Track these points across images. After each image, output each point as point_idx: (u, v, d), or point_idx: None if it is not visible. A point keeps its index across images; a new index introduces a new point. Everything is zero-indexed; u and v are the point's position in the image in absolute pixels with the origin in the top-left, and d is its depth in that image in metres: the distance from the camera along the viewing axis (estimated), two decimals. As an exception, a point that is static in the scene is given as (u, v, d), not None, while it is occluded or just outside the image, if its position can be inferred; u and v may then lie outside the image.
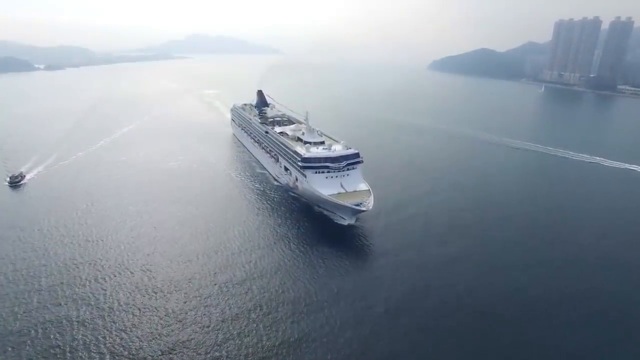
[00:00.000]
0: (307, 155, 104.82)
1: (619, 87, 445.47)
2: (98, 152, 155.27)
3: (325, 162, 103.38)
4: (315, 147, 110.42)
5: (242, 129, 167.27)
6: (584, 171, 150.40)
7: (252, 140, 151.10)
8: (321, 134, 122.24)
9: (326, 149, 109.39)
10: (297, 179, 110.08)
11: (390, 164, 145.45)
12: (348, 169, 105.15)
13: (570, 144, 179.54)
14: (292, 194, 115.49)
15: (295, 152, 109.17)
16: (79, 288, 72.00)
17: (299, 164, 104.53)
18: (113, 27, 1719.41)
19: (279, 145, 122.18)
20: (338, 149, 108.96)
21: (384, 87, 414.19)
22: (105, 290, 72.13)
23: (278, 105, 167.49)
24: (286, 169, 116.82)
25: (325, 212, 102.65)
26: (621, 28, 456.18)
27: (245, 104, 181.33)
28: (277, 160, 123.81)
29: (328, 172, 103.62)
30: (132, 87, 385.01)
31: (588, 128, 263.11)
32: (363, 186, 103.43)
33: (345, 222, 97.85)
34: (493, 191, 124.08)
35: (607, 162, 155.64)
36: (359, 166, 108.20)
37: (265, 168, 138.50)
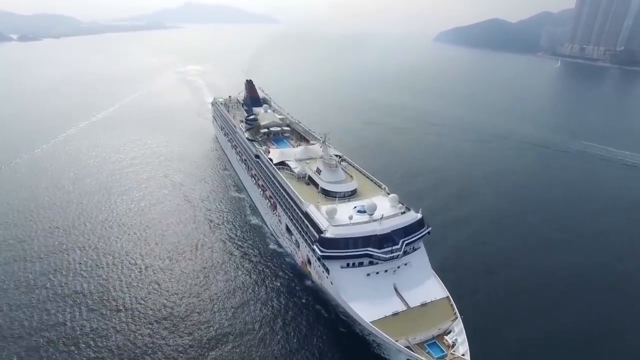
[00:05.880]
0: (330, 233, 51.36)
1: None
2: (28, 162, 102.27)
3: (366, 246, 51.11)
4: (342, 206, 57.23)
5: (224, 135, 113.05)
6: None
7: (238, 158, 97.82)
8: (348, 171, 67.77)
9: (362, 210, 55.47)
10: (309, 261, 58.60)
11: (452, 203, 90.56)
12: (407, 252, 53.59)
13: (590, 134, 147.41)
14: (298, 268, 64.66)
15: (307, 218, 56.61)
16: None
17: (316, 249, 52.17)
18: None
19: (277, 187, 69.58)
20: (384, 208, 55.71)
21: (394, 64, 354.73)
22: None
23: (274, 103, 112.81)
24: (289, 230, 65.01)
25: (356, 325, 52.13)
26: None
27: (229, 98, 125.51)
28: (275, 209, 71.60)
29: (370, 263, 52.12)
30: (109, 62, 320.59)
31: (612, 113, 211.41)
32: (436, 289, 51.75)
33: (403, 360, 47.68)
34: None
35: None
36: (423, 243, 56.68)
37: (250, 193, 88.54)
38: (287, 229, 65.59)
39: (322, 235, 51.47)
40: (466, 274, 63.12)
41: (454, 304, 49.66)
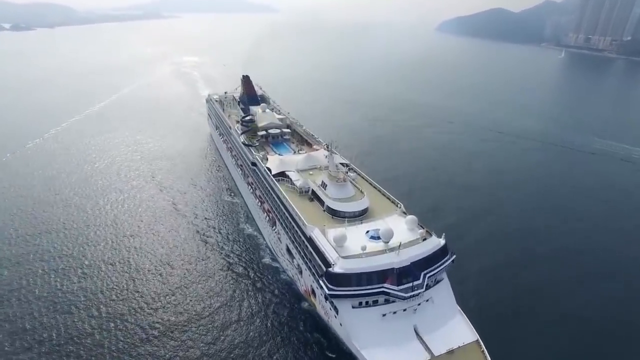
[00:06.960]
0: (339, 267, 42.84)
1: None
2: None
3: (382, 281, 42.74)
4: (353, 230, 48.47)
5: (220, 135, 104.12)
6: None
7: (234, 162, 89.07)
8: (357, 184, 58.94)
9: (376, 236, 46.49)
10: (313, 292, 50.52)
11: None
12: (428, 286, 45.35)
13: (604, 131, 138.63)
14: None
15: (312, 244, 48.12)
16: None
17: (323, 286, 43.94)
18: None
19: (276, 202, 61.02)
20: (402, 233, 47.03)
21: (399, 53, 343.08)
22: None
23: (273, 101, 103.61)
24: (289, 251, 56.69)
25: None
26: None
27: (225, 94, 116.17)
28: (274, 225, 63.23)
29: (386, 302, 43.97)
30: (104, 53, 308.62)
31: (622, 106, 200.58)
32: (464, 331, 43.66)
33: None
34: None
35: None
36: (446, 275, 48.47)
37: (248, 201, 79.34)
38: (288, 250, 57.30)
39: (330, 269, 43.08)
40: (493, 306, 55.01)
41: (485, 351, 41.63)
